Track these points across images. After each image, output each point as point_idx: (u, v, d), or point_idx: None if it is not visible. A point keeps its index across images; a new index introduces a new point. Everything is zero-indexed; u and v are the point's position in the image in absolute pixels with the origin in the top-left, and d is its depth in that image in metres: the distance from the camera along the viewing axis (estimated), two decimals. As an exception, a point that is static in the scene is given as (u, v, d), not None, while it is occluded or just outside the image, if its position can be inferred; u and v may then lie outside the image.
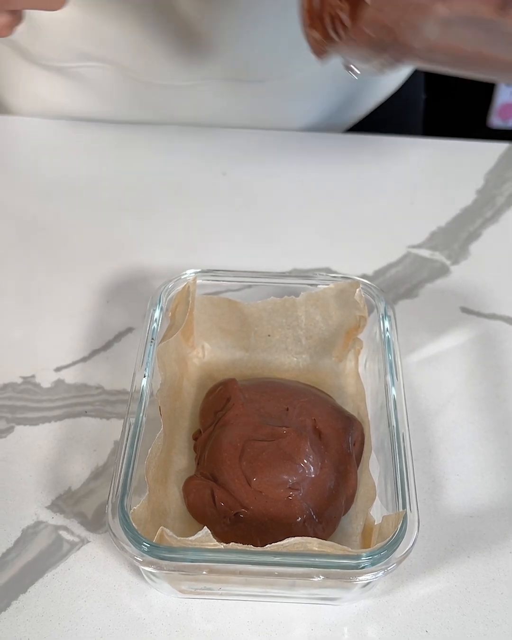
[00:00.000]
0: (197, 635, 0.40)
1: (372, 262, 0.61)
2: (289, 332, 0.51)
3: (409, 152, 0.72)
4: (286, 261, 0.61)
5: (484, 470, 0.48)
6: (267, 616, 0.41)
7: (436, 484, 0.47)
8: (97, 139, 0.73)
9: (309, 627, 0.41)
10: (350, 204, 0.67)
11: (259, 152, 0.72)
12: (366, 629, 0.41)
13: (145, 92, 0.69)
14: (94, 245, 0.62)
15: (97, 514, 0.45)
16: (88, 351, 0.54)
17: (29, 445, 0.48)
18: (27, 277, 0.60)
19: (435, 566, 0.43)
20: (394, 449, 0.42)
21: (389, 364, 0.46)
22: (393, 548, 0.37)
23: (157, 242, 0.63)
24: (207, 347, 0.52)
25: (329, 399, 0.48)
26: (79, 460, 0.48)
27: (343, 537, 0.43)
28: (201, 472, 0.44)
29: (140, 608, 0.41)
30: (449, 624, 0.41)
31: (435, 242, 0.63)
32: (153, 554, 0.37)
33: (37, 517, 0.45)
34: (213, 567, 0.37)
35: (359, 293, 0.48)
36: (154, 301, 0.49)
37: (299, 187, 0.68)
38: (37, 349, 0.54)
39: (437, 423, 0.50)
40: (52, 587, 0.42)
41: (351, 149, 0.72)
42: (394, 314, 0.49)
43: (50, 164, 0.71)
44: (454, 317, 0.57)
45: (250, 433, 0.44)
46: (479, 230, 0.64)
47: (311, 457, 0.43)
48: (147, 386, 0.44)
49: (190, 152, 0.72)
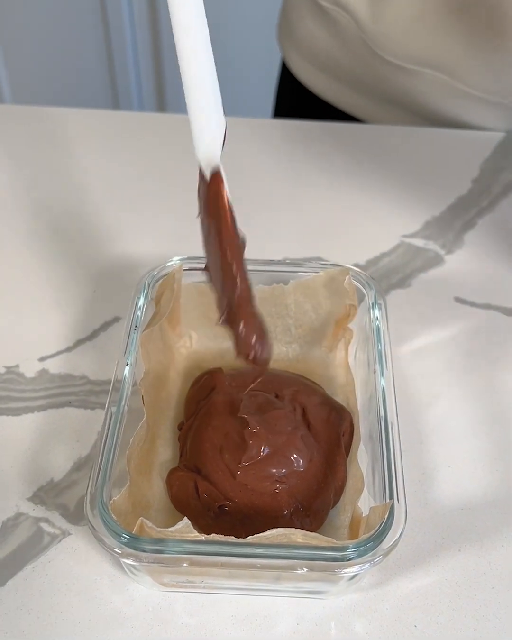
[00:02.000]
0: (180, 630, 0.39)
1: (365, 251, 0.60)
2: (278, 321, 0.50)
3: (403, 140, 0.71)
4: (276, 251, 0.60)
5: (476, 462, 0.47)
6: (252, 610, 0.40)
7: (427, 476, 0.46)
8: (84, 128, 0.72)
9: (294, 622, 0.40)
10: (342, 192, 0.66)
11: (248, 140, 0.70)
12: (354, 623, 0.40)
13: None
14: (80, 234, 0.61)
15: (79, 506, 0.44)
16: (73, 341, 0.53)
17: (10, 436, 0.47)
18: (11, 265, 0.59)
19: (425, 560, 0.42)
20: (382, 439, 0.40)
21: (378, 353, 0.45)
22: (380, 539, 0.36)
23: (145, 232, 0.62)
24: (195, 337, 0.51)
25: (318, 389, 0.47)
26: (62, 452, 0.46)
27: (331, 529, 0.42)
28: (184, 464, 0.43)
29: (121, 602, 0.40)
30: (439, 619, 0.40)
31: (429, 231, 0.62)
32: (132, 545, 0.36)
33: (18, 508, 0.44)
34: (194, 559, 0.35)
35: (348, 281, 0.47)
36: (139, 289, 0.48)
37: (290, 176, 0.67)
38: (21, 338, 0.53)
39: (429, 414, 0.49)
40: (32, 581, 0.41)
41: (344, 137, 0.71)
42: (384, 303, 0.48)
43: (35, 152, 0.69)
44: (447, 307, 0.56)
45: (234, 423, 0.43)
46: (474, 220, 0.63)
47: (300, 450, 0.42)
48: (129, 375, 0.43)
49: (178, 140, 0.71)
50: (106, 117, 0.75)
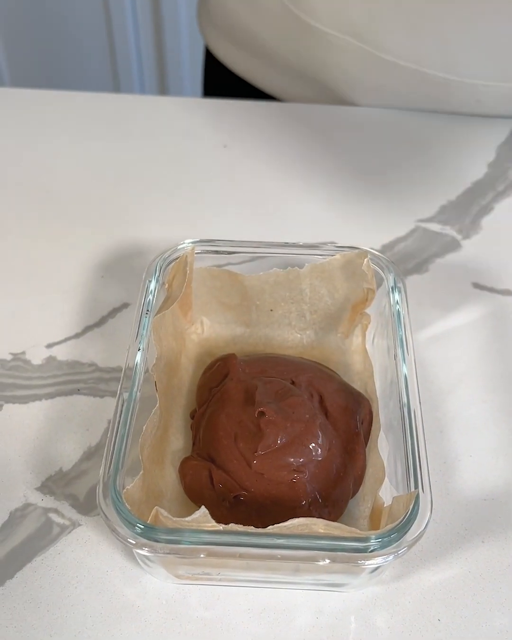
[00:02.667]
0: (195, 624, 0.38)
1: (380, 236, 0.58)
2: (293, 307, 0.49)
3: (418, 124, 0.69)
4: (290, 236, 0.58)
5: (498, 451, 0.45)
6: (269, 603, 0.38)
7: (448, 466, 0.44)
8: (93, 112, 0.71)
9: (313, 615, 0.38)
10: (357, 176, 0.64)
11: (261, 123, 0.69)
12: (375, 617, 0.38)
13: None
14: (88, 219, 0.60)
15: (89, 496, 0.42)
16: (81, 327, 0.51)
17: (18, 424, 0.46)
18: (19, 250, 0.57)
19: (447, 551, 0.41)
20: (405, 426, 0.39)
21: (399, 338, 0.43)
22: (404, 530, 0.34)
23: (155, 216, 0.60)
24: (206, 323, 0.50)
25: (335, 376, 0.46)
26: (71, 440, 0.45)
27: (350, 520, 0.41)
28: (197, 453, 0.42)
29: (134, 594, 0.39)
30: (463, 612, 0.38)
31: (445, 216, 0.60)
32: (147, 535, 0.34)
33: (26, 499, 0.42)
34: (211, 549, 0.34)
35: (367, 264, 0.45)
36: (150, 272, 0.46)
37: (303, 160, 0.66)
38: (28, 324, 0.52)
39: (449, 402, 0.48)
40: (41, 573, 0.39)
41: (357, 121, 0.70)
42: (404, 286, 0.46)
43: (37, 136, 0.68)
44: (465, 293, 0.54)
45: (249, 410, 0.41)
46: (491, 204, 0.62)
47: (318, 438, 0.40)
48: (141, 360, 0.41)
49: (190, 124, 0.69)
50: (108, 100, 0.73)
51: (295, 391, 0.42)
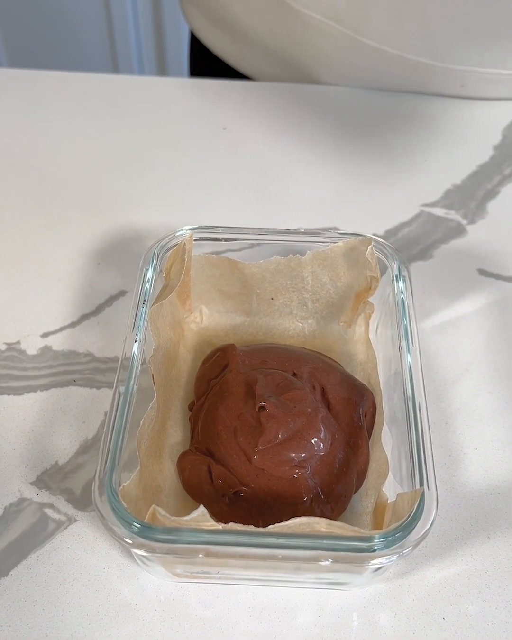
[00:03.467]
0: (194, 622, 0.37)
1: (383, 221, 0.57)
2: (294, 295, 0.47)
3: (422, 107, 0.67)
4: (291, 221, 0.57)
5: (505, 443, 0.44)
6: (270, 602, 0.38)
7: (453, 459, 0.43)
8: (88, 93, 0.69)
9: (315, 614, 0.37)
10: (359, 160, 0.63)
11: (261, 105, 0.67)
12: (378, 615, 0.37)
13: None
14: (84, 204, 0.58)
15: (86, 491, 0.41)
16: (77, 316, 0.50)
17: (12, 416, 0.45)
18: (12, 237, 0.56)
19: (452, 548, 0.40)
20: (410, 420, 0.38)
21: (403, 328, 0.42)
22: (409, 529, 0.33)
23: (152, 201, 0.59)
24: (206, 311, 0.48)
25: (337, 367, 0.44)
26: (67, 433, 0.44)
27: (352, 516, 0.40)
28: (196, 447, 0.41)
29: (131, 593, 0.38)
30: (468, 610, 0.37)
31: (450, 200, 0.59)
32: (144, 535, 0.33)
33: (21, 493, 0.41)
34: (210, 549, 0.33)
35: (370, 251, 0.44)
36: (147, 260, 0.45)
37: (305, 143, 0.64)
38: (22, 313, 0.50)
39: (454, 393, 0.46)
40: (37, 570, 0.38)
41: (360, 103, 0.68)
42: (408, 275, 0.45)
43: (34, 117, 0.66)
44: (471, 279, 0.53)
45: (249, 403, 0.40)
46: (497, 188, 0.60)
47: (320, 432, 0.39)
48: (138, 352, 0.40)
49: (188, 105, 0.68)
50: (103, 81, 0.72)
51: (296, 384, 0.41)
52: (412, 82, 0.66)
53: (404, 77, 0.66)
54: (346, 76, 0.68)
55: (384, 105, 0.67)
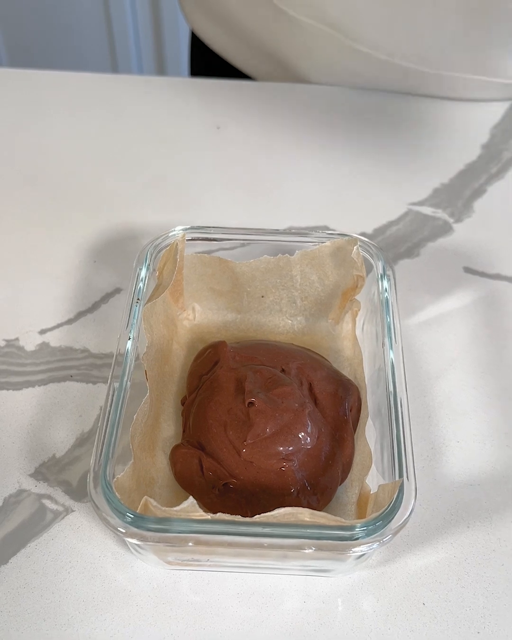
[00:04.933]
0: (185, 608, 0.39)
1: (372, 220, 0.58)
2: (284, 293, 0.49)
3: (411, 106, 0.69)
4: (282, 220, 0.58)
5: (486, 437, 0.46)
6: (258, 588, 0.39)
7: (435, 451, 0.45)
8: (84, 92, 0.70)
9: (301, 599, 0.39)
10: (349, 159, 0.64)
11: (254, 105, 0.68)
12: (361, 601, 0.39)
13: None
14: (80, 203, 0.60)
15: (82, 482, 0.43)
16: (74, 313, 0.52)
17: (11, 410, 0.46)
18: (9, 235, 0.57)
19: (433, 536, 0.41)
20: (392, 414, 0.39)
21: (387, 326, 0.44)
22: (389, 518, 0.35)
23: (147, 200, 0.60)
24: (198, 309, 0.50)
25: (325, 363, 0.46)
26: (64, 427, 0.46)
27: (338, 506, 0.41)
28: (188, 440, 0.42)
29: (126, 580, 0.40)
30: (448, 597, 0.39)
31: (437, 199, 0.60)
32: (137, 525, 0.35)
33: (20, 485, 0.43)
34: (200, 538, 0.35)
35: (356, 251, 0.45)
36: (141, 259, 0.46)
37: (297, 143, 0.65)
38: (20, 310, 0.52)
39: (438, 388, 0.48)
40: (35, 558, 0.40)
41: (351, 103, 0.69)
42: (393, 274, 0.46)
43: (32, 117, 0.67)
44: (457, 277, 0.55)
45: (239, 399, 0.42)
46: (484, 187, 0.61)
47: (307, 427, 0.41)
48: (132, 349, 0.42)
49: (182, 105, 0.69)
50: (105, 80, 0.73)
51: (285, 380, 0.42)
52: (402, 85, 0.68)
53: (395, 81, 0.67)
54: (337, 76, 0.69)
55: (374, 104, 0.69)
